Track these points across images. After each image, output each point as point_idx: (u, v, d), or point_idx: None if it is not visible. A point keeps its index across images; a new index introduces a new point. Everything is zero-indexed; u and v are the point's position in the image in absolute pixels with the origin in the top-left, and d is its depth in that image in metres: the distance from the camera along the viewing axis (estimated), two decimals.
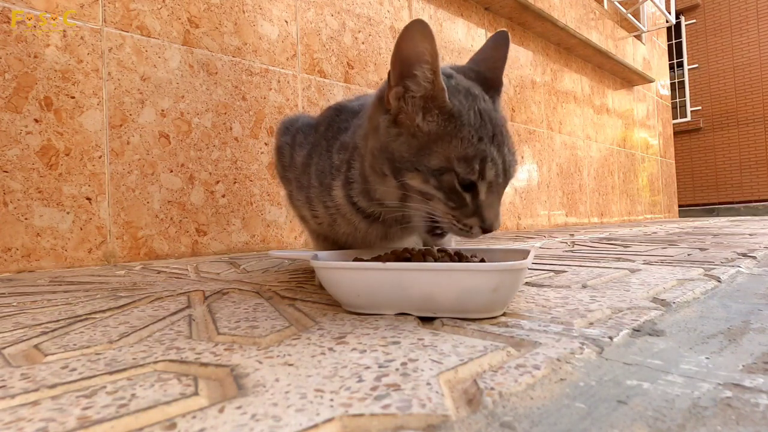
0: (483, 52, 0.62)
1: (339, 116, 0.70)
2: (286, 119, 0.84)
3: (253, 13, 1.59)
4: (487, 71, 0.59)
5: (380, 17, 2.03)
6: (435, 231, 0.54)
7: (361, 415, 0.25)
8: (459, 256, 0.57)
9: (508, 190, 2.87)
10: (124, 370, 0.34)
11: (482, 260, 0.57)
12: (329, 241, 0.75)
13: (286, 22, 1.68)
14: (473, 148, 0.49)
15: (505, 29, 0.60)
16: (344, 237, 0.68)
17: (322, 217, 0.68)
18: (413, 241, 0.81)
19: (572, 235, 2.03)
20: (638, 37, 4.03)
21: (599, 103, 3.68)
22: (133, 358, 0.36)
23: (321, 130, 0.72)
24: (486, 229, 0.51)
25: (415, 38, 0.47)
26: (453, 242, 0.78)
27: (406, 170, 0.51)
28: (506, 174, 0.52)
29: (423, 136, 0.51)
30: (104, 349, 0.40)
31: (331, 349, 0.37)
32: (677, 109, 7.30)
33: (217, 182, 1.47)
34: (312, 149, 0.70)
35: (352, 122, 0.66)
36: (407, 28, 0.46)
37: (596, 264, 0.88)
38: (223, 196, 1.48)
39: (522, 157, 2.82)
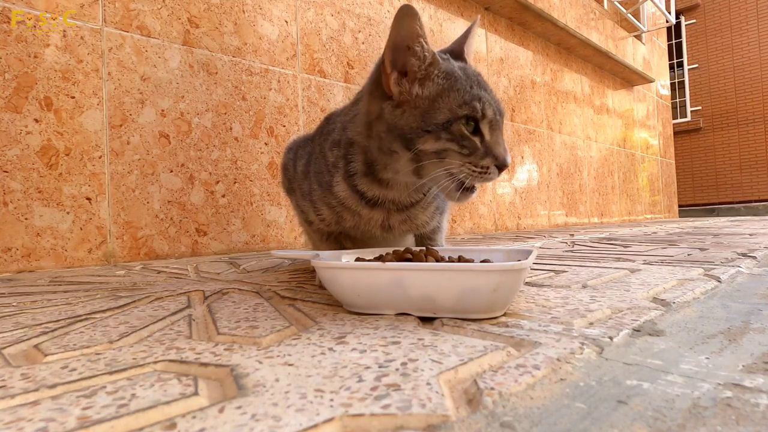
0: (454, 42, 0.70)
1: (328, 124, 0.78)
2: (290, 141, 0.94)
3: (253, 13, 1.59)
4: (452, 49, 0.67)
5: (380, 17, 2.03)
6: (461, 187, 0.58)
7: (361, 415, 0.25)
8: (459, 258, 0.57)
9: (508, 190, 2.84)
10: (124, 370, 0.34)
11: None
12: (332, 238, 0.79)
13: (286, 22, 1.68)
14: (469, 93, 0.56)
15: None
16: (350, 230, 0.74)
17: (328, 217, 0.73)
18: (409, 242, 0.82)
19: (572, 235, 2.02)
20: (638, 37, 4.03)
21: (599, 103, 3.68)
22: (133, 358, 0.36)
23: (316, 139, 0.79)
24: (500, 166, 0.57)
25: (406, 20, 0.53)
26: (444, 242, 0.80)
27: (417, 137, 0.57)
28: (500, 112, 0.59)
29: (424, 101, 0.57)
30: (104, 349, 0.40)
31: (331, 349, 0.37)
32: (677, 109, 7.30)
33: (217, 182, 1.47)
34: (309, 158, 0.79)
35: (336, 121, 0.72)
36: (398, 15, 0.53)
37: (596, 264, 0.88)
38: (223, 196, 1.48)
39: (522, 157, 2.82)
